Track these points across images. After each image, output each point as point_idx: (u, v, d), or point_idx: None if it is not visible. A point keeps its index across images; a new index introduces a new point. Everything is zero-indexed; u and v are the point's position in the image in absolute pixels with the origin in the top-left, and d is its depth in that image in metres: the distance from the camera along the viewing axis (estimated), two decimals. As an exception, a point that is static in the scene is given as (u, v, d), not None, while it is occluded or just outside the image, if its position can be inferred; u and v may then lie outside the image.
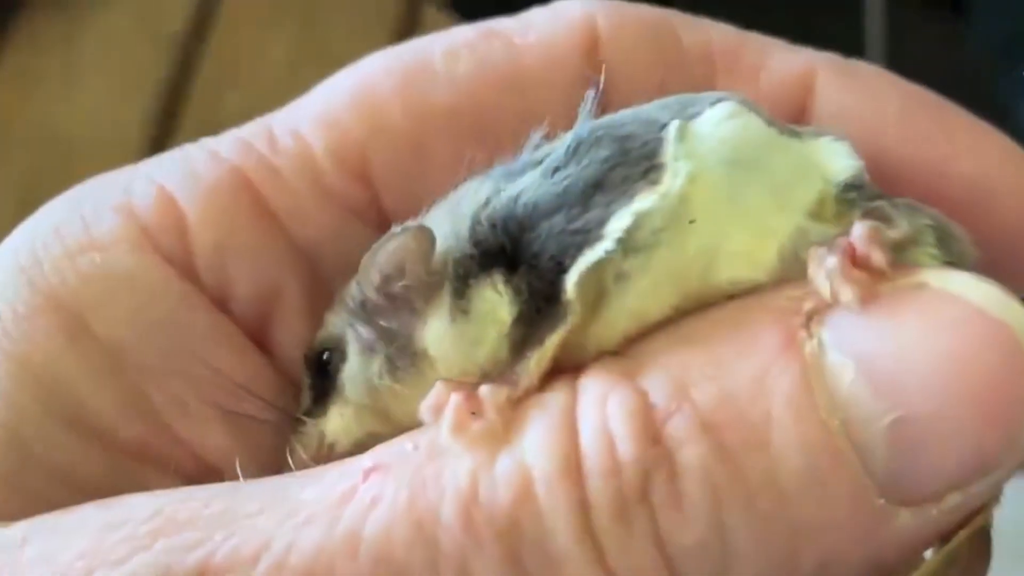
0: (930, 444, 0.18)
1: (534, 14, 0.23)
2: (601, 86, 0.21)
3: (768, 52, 0.23)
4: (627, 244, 0.20)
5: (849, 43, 0.50)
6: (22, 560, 0.18)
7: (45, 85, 0.70)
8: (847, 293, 0.18)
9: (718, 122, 0.20)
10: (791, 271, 0.20)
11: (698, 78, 0.23)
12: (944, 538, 0.19)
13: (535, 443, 0.18)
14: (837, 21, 0.48)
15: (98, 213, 0.21)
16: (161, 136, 0.67)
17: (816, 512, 0.18)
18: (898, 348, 0.18)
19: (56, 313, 0.20)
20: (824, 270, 0.19)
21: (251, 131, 0.23)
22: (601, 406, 0.18)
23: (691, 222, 0.20)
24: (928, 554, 0.19)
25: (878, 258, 0.19)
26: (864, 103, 0.22)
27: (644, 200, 0.20)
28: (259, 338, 0.22)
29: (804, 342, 0.18)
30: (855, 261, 0.19)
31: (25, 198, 0.67)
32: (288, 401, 0.22)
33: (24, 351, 0.20)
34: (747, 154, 0.20)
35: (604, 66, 0.22)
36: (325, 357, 0.22)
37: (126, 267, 0.21)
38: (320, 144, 0.22)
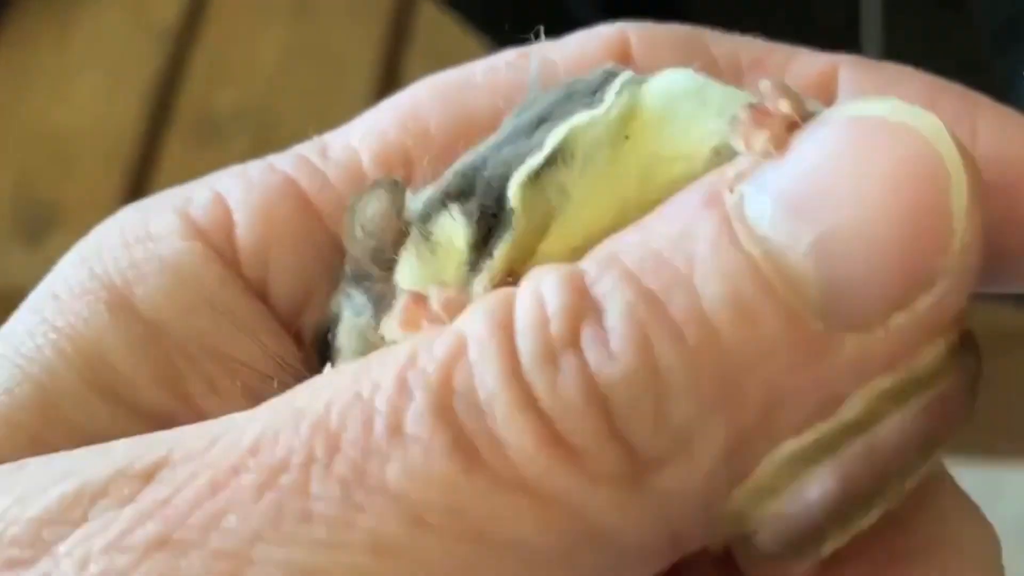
0: (857, 259, 0.18)
1: (571, 35, 0.25)
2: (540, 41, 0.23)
3: (793, 55, 0.24)
4: (564, 156, 0.21)
5: (846, 31, 0.50)
6: None
7: (38, 82, 0.70)
8: (759, 139, 0.19)
9: (664, 75, 0.22)
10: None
11: (725, 79, 0.23)
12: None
13: (472, 316, 0.19)
14: (834, 8, 0.48)
15: (158, 213, 0.23)
16: (155, 132, 0.67)
17: (749, 341, 0.18)
18: (812, 172, 0.18)
19: (104, 291, 0.22)
20: (738, 128, 0.19)
21: (307, 147, 0.24)
22: (537, 282, 0.19)
23: (626, 138, 0.21)
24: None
25: (785, 106, 0.19)
26: (886, 90, 0.23)
27: (580, 117, 0.21)
28: (296, 328, 0.24)
29: (726, 197, 0.18)
30: (765, 113, 0.19)
31: (20, 194, 0.67)
32: None
33: (69, 322, 0.21)
34: (686, 87, 0.21)
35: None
36: (328, 336, 0.23)
37: (173, 252, 0.22)
38: (367, 153, 0.24)
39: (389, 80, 0.68)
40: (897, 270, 0.18)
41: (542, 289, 0.19)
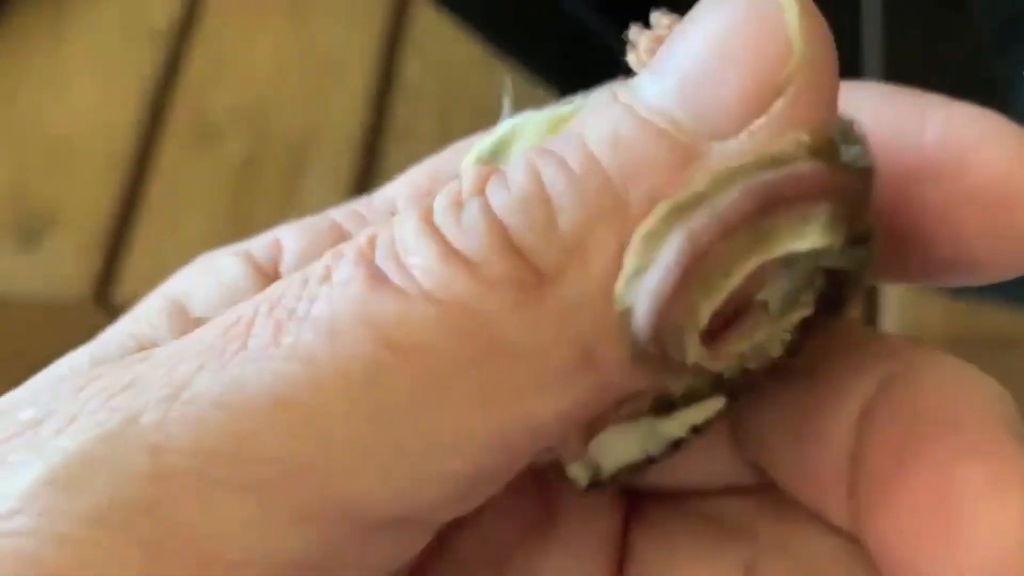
0: (713, 83, 0.20)
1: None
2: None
3: None
4: (512, 139, 0.24)
5: (846, 31, 0.50)
6: None
7: (33, 84, 0.69)
8: (642, 43, 0.22)
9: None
10: None
11: None
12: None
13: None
14: (834, 8, 0.48)
15: (226, 253, 0.26)
16: (151, 134, 0.67)
17: (626, 160, 0.20)
18: (673, 40, 0.21)
19: (168, 302, 0.25)
20: (629, 49, 0.22)
21: (358, 201, 0.27)
22: (458, 178, 0.22)
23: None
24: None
25: (666, 20, 0.22)
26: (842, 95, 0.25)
27: (524, 115, 0.24)
28: None
29: (620, 94, 0.21)
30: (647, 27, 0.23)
31: (15, 197, 0.67)
32: None
33: (137, 324, 0.25)
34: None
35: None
36: None
37: (228, 274, 0.26)
38: (402, 201, 0.27)
39: (386, 82, 0.68)
40: (747, 83, 0.20)
41: (461, 178, 0.21)
